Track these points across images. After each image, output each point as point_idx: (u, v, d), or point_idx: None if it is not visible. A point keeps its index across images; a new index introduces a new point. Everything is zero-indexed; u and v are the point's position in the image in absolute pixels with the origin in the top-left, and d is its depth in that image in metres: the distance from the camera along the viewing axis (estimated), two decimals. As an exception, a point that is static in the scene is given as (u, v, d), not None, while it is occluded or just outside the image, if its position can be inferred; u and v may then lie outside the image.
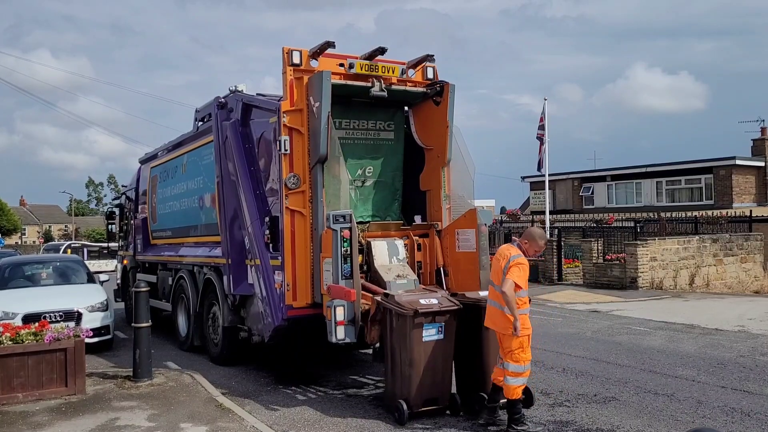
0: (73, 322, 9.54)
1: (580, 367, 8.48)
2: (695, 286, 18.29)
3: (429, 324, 6.27)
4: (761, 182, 27.56)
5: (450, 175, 8.22)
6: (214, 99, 9.10)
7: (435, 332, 6.29)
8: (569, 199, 32.98)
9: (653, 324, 12.02)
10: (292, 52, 7.48)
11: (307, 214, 7.44)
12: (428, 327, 6.28)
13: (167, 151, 11.62)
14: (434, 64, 8.27)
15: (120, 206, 15.70)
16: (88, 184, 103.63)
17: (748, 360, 8.80)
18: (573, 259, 20.71)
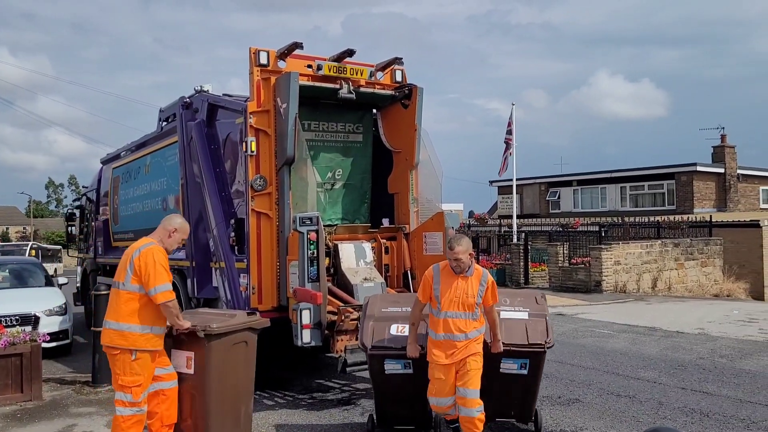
0: (30, 326, 9.26)
1: (546, 370, 8.46)
2: (657, 289, 18.65)
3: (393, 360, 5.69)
4: (721, 188, 28.27)
5: (418, 178, 8.22)
6: (179, 99, 8.94)
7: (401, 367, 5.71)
8: (536, 204, 33.37)
9: (617, 327, 12.20)
10: (259, 53, 7.39)
11: (274, 217, 7.36)
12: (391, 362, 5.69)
13: (130, 152, 11.39)
14: (403, 66, 8.26)
15: (80, 208, 15.33)
16: (48, 185, 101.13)
17: (707, 362, 8.98)
18: (540, 263, 20.94)
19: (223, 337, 5.25)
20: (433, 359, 5.21)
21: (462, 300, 5.18)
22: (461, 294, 5.17)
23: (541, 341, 5.68)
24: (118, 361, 4.94)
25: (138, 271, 4.92)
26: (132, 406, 4.93)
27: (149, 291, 4.91)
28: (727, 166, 28.24)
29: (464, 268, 5.17)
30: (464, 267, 5.17)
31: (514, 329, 5.72)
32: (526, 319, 5.86)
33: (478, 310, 5.25)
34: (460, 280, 5.19)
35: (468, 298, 5.18)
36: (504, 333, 5.62)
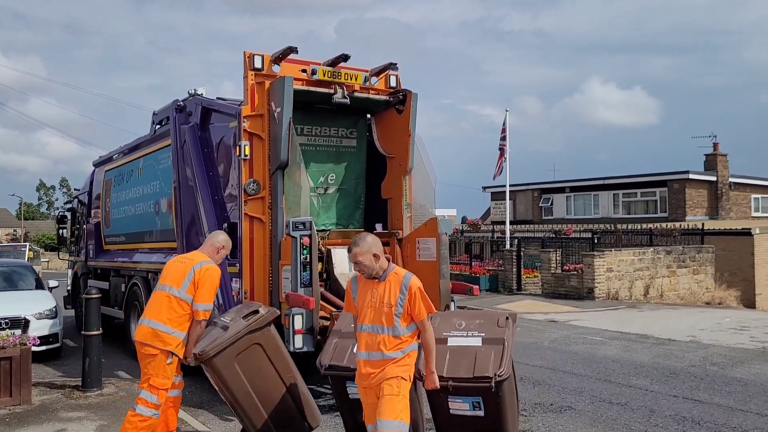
0: (20, 330, 9.19)
1: (538, 377, 8.54)
2: (650, 296, 18.70)
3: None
4: (713, 196, 28.40)
5: (412, 183, 8.22)
6: (172, 102, 8.92)
7: None
8: (529, 210, 33.44)
9: (609, 334, 12.21)
10: (254, 57, 7.38)
11: (267, 221, 7.33)
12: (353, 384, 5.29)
13: (123, 155, 11.34)
14: (397, 72, 8.27)
15: (72, 210, 15.25)
16: (39, 187, 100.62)
17: (698, 370, 8.99)
18: (532, 269, 20.95)
19: (223, 353, 5.23)
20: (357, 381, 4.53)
21: (378, 310, 4.28)
22: (377, 303, 4.30)
23: (489, 373, 4.69)
24: (154, 361, 5.18)
25: (196, 284, 5.25)
26: (155, 409, 5.19)
27: (196, 305, 5.25)
28: (719, 174, 28.39)
29: (371, 272, 4.33)
30: (370, 271, 4.32)
31: (460, 359, 4.85)
32: (478, 347, 4.93)
33: (401, 323, 4.26)
34: (377, 286, 4.35)
35: (384, 307, 4.26)
36: (447, 364, 4.77)
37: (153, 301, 5.39)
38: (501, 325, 5.15)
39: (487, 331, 5.06)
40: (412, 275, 4.38)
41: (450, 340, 4.99)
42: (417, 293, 4.30)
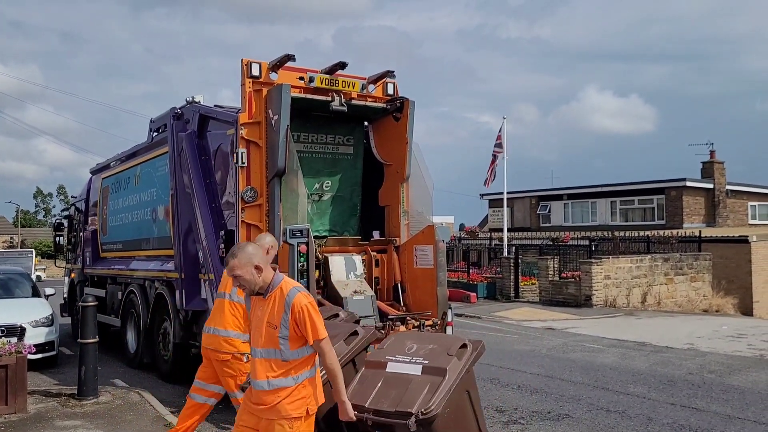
0: (16, 338, 9.14)
1: (535, 384, 8.52)
2: (647, 304, 18.70)
3: None
4: (710, 203, 28.46)
5: (409, 191, 8.22)
6: (170, 109, 8.92)
7: None
8: (527, 217, 33.47)
9: (606, 341, 12.21)
10: (251, 64, 7.39)
11: (264, 228, 7.32)
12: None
13: (120, 162, 11.34)
14: (394, 80, 8.29)
15: (69, 218, 15.22)
16: (36, 194, 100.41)
17: (696, 377, 8.98)
18: (530, 277, 20.96)
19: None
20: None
21: (265, 331, 3.66)
22: (262, 323, 3.69)
23: (413, 409, 4.13)
24: (232, 365, 5.40)
25: None
26: None
27: None
28: (716, 182, 28.46)
29: (252, 287, 3.70)
30: (252, 286, 3.69)
31: (390, 389, 4.32)
32: (415, 376, 4.38)
33: (289, 346, 3.60)
34: (263, 303, 3.72)
35: (269, 328, 3.64)
36: (375, 393, 4.32)
37: (215, 308, 5.60)
38: (451, 353, 4.47)
39: (432, 359, 4.47)
40: (300, 290, 3.65)
41: (389, 366, 4.50)
42: (304, 311, 3.57)
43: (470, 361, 4.54)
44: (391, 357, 4.57)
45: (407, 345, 4.70)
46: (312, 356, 3.69)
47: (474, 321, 15.70)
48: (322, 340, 3.62)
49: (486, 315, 16.60)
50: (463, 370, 4.43)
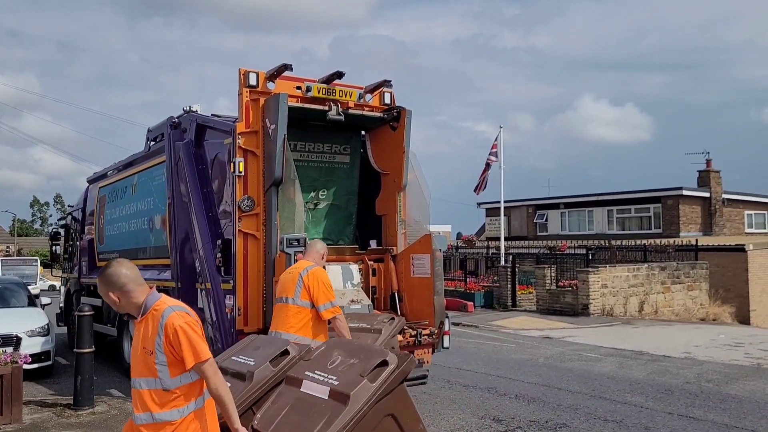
0: (12, 347, 9.11)
1: (533, 394, 8.51)
2: (644, 313, 18.70)
3: None
4: (707, 212, 28.53)
5: (406, 200, 8.23)
6: (167, 119, 8.93)
7: None
8: (524, 226, 33.50)
9: (604, 350, 12.20)
10: (248, 74, 7.41)
11: (261, 237, 7.32)
12: None
13: (117, 171, 11.34)
14: (391, 89, 8.31)
15: (65, 227, 15.20)
16: (33, 203, 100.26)
17: (694, 386, 8.98)
18: (527, 286, 20.96)
19: None
20: None
21: (141, 358, 3.31)
22: (138, 348, 3.34)
23: None
24: None
25: (308, 289, 5.54)
26: None
27: (318, 308, 5.51)
28: (713, 191, 28.55)
29: (119, 310, 3.37)
30: (118, 309, 3.36)
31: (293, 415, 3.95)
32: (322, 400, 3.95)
33: (169, 373, 3.22)
34: (138, 326, 3.35)
35: (144, 353, 3.28)
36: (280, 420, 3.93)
37: (276, 314, 5.71)
38: (364, 373, 3.91)
39: (343, 380, 3.95)
40: (175, 310, 3.26)
41: (304, 384, 4.06)
42: (179, 333, 3.17)
43: (389, 382, 3.90)
44: (309, 372, 4.12)
45: (333, 357, 4.20)
46: (198, 383, 3.27)
47: (471, 330, 15.68)
48: (204, 362, 3.19)
49: (483, 324, 16.59)
50: (377, 394, 3.82)
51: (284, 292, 5.66)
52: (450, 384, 9.07)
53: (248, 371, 4.52)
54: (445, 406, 7.78)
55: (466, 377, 9.57)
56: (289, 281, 5.67)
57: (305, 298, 5.53)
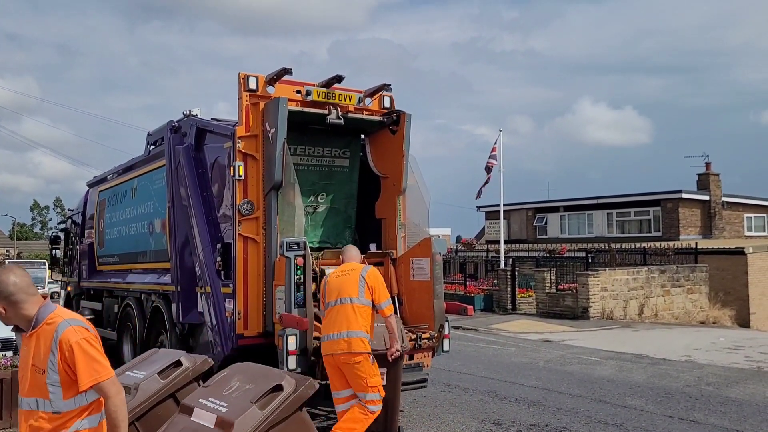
0: (11, 351, 9.10)
1: (533, 397, 8.50)
2: (644, 316, 18.68)
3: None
4: (706, 215, 28.53)
5: (405, 203, 8.23)
6: (167, 123, 8.94)
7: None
8: (523, 229, 33.49)
9: (604, 354, 12.18)
10: (248, 78, 7.42)
11: (261, 241, 7.32)
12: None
13: (117, 175, 11.34)
14: (391, 93, 8.33)
15: (65, 230, 15.18)
16: (33, 207, 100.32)
17: (694, 390, 8.97)
18: (527, 289, 20.94)
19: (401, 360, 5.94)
20: None
21: (30, 376, 3.01)
22: (26, 365, 3.06)
23: None
24: (363, 366, 5.63)
25: (370, 288, 5.81)
26: (380, 404, 5.69)
27: (379, 305, 5.81)
28: (712, 194, 28.55)
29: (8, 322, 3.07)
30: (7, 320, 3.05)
31: None
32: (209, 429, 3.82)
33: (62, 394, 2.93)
34: (27, 340, 3.06)
35: (34, 372, 2.98)
36: None
37: (340, 314, 5.78)
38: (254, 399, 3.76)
39: (232, 406, 3.81)
40: (71, 324, 2.96)
41: (195, 412, 3.88)
42: (75, 349, 2.89)
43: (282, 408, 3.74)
44: (203, 400, 3.93)
45: (232, 383, 4.03)
46: (94, 404, 2.99)
47: (471, 333, 15.67)
48: (105, 381, 2.91)
49: (483, 327, 16.58)
50: (267, 421, 3.65)
51: (345, 293, 5.82)
52: (450, 387, 9.07)
53: (134, 384, 4.32)
54: (444, 410, 7.77)
55: (466, 381, 9.57)
56: (349, 282, 5.86)
57: (368, 297, 5.80)
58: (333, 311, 5.86)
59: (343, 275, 5.98)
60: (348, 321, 5.74)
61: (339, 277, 5.99)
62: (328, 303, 5.93)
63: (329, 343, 5.78)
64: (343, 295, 5.83)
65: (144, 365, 4.77)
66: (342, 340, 5.70)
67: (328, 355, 5.78)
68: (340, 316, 5.79)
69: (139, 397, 4.20)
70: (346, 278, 5.93)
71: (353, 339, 5.67)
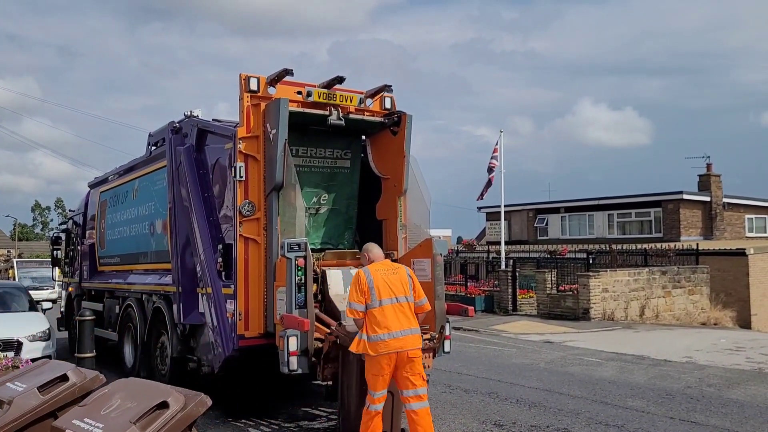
0: (13, 352, 9.11)
1: (534, 398, 8.49)
2: (645, 317, 18.67)
3: None
4: (707, 216, 28.52)
5: (406, 204, 8.23)
6: (168, 123, 8.95)
7: None
8: (524, 230, 33.49)
9: (605, 355, 12.18)
10: (249, 79, 7.42)
11: (262, 242, 7.32)
12: None
13: (118, 176, 11.35)
14: (392, 94, 8.33)
15: (66, 231, 15.19)
16: (34, 207, 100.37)
17: (695, 391, 8.96)
18: (528, 290, 20.93)
19: None
20: None
21: None
22: None
23: None
24: (419, 359, 5.89)
25: (414, 287, 6.05)
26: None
27: (422, 301, 6.07)
28: (713, 195, 28.54)
29: None
30: None
31: None
32: None
33: None
34: None
35: None
36: None
37: (399, 312, 5.87)
38: (134, 418, 3.55)
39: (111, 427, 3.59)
40: None
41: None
42: None
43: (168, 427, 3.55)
44: (78, 420, 3.70)
45: (112, 401, 3.80)
46: None
47: (472, 335, 15.67)
48: None
49: (484, 328, 16.57)
50: None
51: (399, 292, 5.92)
52: (451, 388, 9.06)
53: (8, 398, 4.00)
54: (446, 411, 7.77)
55: (467, 382, 9.56)
56: (399, 281, 5.98)
57: (413, 295, 6.01)
58: (390, 309, 5.85)
59: (390, 273, 6.02)
60: (409, 318, 5.88)
61: (386, 275, 5.99)
62: (380, 300, 5.86)
63: (399, 339, 5.76)
64: (398, 294, 5.91)
65: (27, 377, 4.35)
66: (411, 337, 5.83)
67: (394, 352, 5.75)
68: (401, 314, 5.86)
69: (11, 413, 3.87)
70: (394, 276, 6.00)
71: (417, 336, 5.91)
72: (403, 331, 5.80)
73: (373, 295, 5.86)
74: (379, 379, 5.78)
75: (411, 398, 5.80)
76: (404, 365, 5.79)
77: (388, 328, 5.77)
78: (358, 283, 5.94)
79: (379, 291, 5.86)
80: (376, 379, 5.78)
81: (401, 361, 5.77)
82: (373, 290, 5.86)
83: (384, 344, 5.74)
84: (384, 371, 5.77)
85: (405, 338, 5.79)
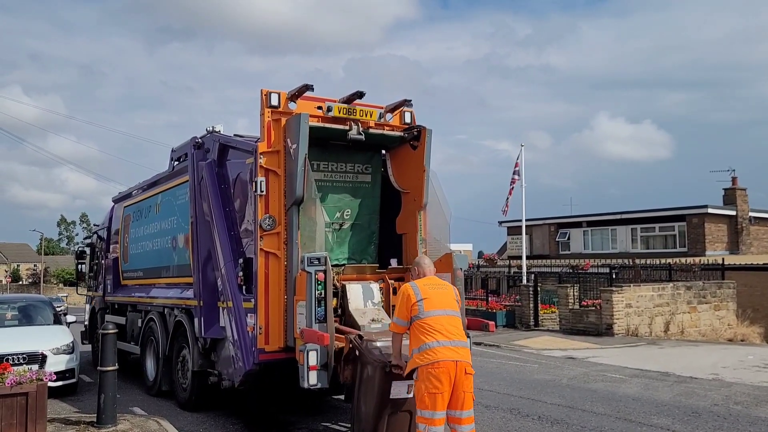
0: (37, 365, 9.22)
1: (556, 415, 8.38)
2: (670, 333, 18.36)
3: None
4: (733, 230, 28.06)
5: (426, 218, 8.22)
6: (190, 139, 9.08)
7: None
8: (546, 245, 33.23)
9: (629, 371, 11.98)
10: (270, 94, 7.51)
11: (282, 256, 7.36)
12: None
13: (141, 191, 11.51)
14: (412, 108, 8.36)
15: (91, 245, 15.43)
16: (60, 222, 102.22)
17: (722, 409, 8.77)
18: (549, 305, 20.72)
19: None
20: None
21: None
22: None
23: None
24: (472, 378, 5.51)
25: (459, 301, 5.99)
26: None
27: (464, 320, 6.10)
28: (739, 209, 28.10)
29: None
30: None
31: None
32: None
33: None
34: None
35: None
36: None
37: (452, 324, 5.59)
38: None
39: None
40: None
41: None
42: None
43: None
44: None
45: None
46: None
47: (493, 350, 15.53)
48: None
49: (505, 344, 16.42)
50: None
51: (451, 305, 5.72)
52: (472, 404, 8.97)
53: None
54: (466, 427, 7.67)
55: (488, 398, 9.46)
56: (451, 295, 5.83)
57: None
58: (443, 320, 5.53)
59: (439, 288, 5.81)
60: (460, 331, 5.62)
61: (435, 289, 5.75)
62: (433, 311, 5.58)
63: (451, 349, 5.39)
64: (449, 307, 5.67)
65: None
66: (464, 350, 5.53)
67: (452, 361, 5.34)
68: (451, 326, 5.54)
69: None
70: (444, 291, 5.79)
71: (469, 350, 5.66)
72: (454, 341, 5.43)
73: (420, 307, 5.56)
74: (438, 397, 5.27)
75: (464, 420, 5.42)
76: (461, 381, 5.37)
77: (438, 336, 5.41)
78: (405, 297, 5.67)
79: (429, 302, 5.60)
80: (434, 397, 5.28)
81: (459, 373, 5.34)
82: (422, 302, 5.58)
83: (432, 352, 5.36)
84: (443, 387, 5.28)
85: (458, 349, 5.42)
